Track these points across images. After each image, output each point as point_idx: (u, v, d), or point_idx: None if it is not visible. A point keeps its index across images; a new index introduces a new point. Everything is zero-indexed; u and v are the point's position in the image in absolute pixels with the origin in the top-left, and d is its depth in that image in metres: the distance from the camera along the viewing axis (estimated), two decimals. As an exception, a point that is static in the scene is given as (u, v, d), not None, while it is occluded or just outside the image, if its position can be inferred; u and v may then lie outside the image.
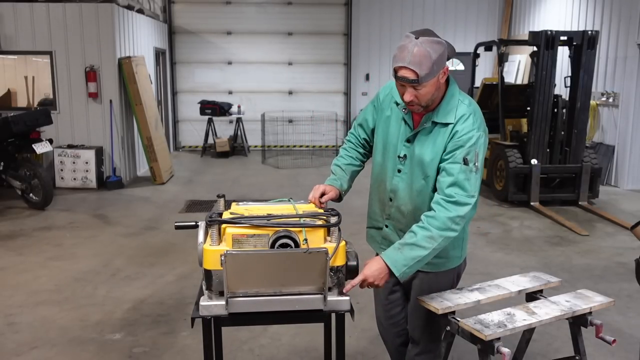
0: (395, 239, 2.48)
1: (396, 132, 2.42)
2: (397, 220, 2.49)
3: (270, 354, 3.70)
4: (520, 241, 6.25)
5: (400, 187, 2.42)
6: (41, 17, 8.62)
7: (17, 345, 3.79)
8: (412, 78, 2.14)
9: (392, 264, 2.19)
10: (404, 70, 2.15)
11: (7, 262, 5.46)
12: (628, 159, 8.81)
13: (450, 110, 2.29)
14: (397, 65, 2.17)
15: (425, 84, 2.17)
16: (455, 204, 2.21)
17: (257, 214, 2.15)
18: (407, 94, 2.21)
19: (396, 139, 2.42)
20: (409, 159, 2.38)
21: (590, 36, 7.43)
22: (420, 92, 2.20)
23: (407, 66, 2.14)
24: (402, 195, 2.43)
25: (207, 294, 2.09)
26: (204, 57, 12.99)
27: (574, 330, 2.75)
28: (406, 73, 2.15)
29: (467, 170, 2.22)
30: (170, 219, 6.95)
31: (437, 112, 2.30)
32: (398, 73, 2.18)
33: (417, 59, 2.12)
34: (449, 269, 2.55)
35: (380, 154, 2.50)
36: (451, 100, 2.31)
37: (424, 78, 2.14)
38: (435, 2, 13.08)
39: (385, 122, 2.47)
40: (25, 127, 7.29)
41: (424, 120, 2.33)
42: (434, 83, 2.21)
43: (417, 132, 2.35)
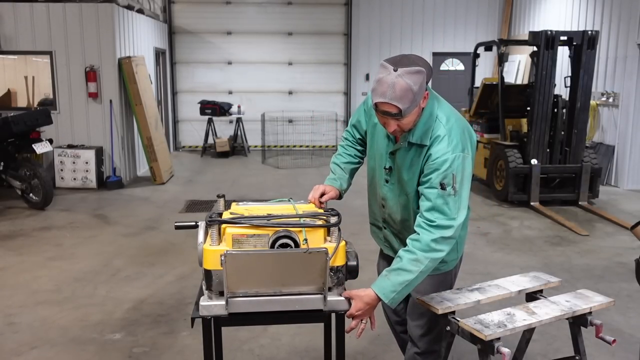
0: (392, 241, 2.56)
1: (382, 143, 2.42)
2: (391, 225, 2.54)
3: (270, 354, 3.70)
4: (520, 241, 6.25)
5: (389, 196, 2.45)
6: (41, 17, 8.62)
7: (17, 345, 3.79)
8: (394, 112, 2.11)
9: (380, 292, 2.18)
10: (386, 105, 2.11)
11: (7, 262, 5.46)
12: (628, 159, 8.81)
13: (427, 130, 2.24)
14: (379, 101, 2.12)
15: (408, 115, 2.14)
16: (437, 227, 2.18)
17: (257, 214, 2.15)
18: (390, 125, 2.19)
19: (382, 150, 2.42)
20: (394, 172, 2.39)
21: (590, 36, 7.43)
22: (403, 122, 2.18)
23: (388, 102, 2.09)
24: (391, 204, 2.46)
25: (207, 294, 2.09)
26: (204, 57, 12.99)
27: (574, 330, 2.75)
28: (388, 108, 2.11)
29: (444, 195, 2.18)
30: (170, 219, 6.95)
31: (413, 133, 2.26)
32: (380, 108, 2.14)
33: (398, 94, 2.07)
34: (446, 271, 2.56)
35: (372, 159, 2.51)
36: (428, 119, 2.25)
37: (407, 111, 2.11)
38: (435, 2, 13.07)
39: (373, 128, 2.46)
40: (25, 127, 7.29)
41: (401, 140, 2.30)
42: (416, 112, 2.19)
43: (399, 148, 2.33)
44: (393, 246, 2.59)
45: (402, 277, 2.16)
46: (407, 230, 2.37)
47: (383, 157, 2.41)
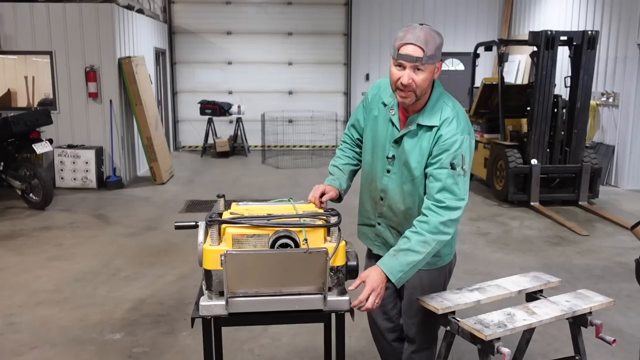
0: (388, 236, 2.51)
1: (384, 133, 2.41)
2: (390, 218, 2.49)
3: (270, 354, 3.70)
4: (520, 241, 6.25)
5: (390, 187, 2.42)
6: (41, 17, 8.62)
7: (17, 345, 3.79)
8: (417, 56, 2.13)
9: (388, 270, 2.19)
10: (411, 46, 2.13)
11: (7, 262, 5.46)
12: (628, 159, 8.81)
13: (435, 112, 2.28)
14: (403, 42, 2.13)
15: (427, 66, 2.16)
16: (446, 208, 2.21)
17: (257, 214, 2.15)
18: (405, 75, 2.17)
19: (384, 140, 2.41)
20: (398, 160, 2.37)
21: (590, 36, 7.43)
22: (418, 77, 2.18)
23: (414, 43, 2.12)
24: (392, 195, 2.43)
25: (207, 294, 2.09)
26: (204, 57, 12.99)
27: (574, 330, 2.75)
28: (412, 50, 2.13)
29: (454, 175, 2.21)
30: (170, 219, 6.95)
31: (422, 114, 2.28)
32: (402, 50, 2.14)
33: (424, 39, 2.13)
34: (441, 266, 2.55)
35: (370, 153, 2.49)
36: (437, 102, 2.30)
37: (429, 59, 2.14)
38: (435, 2, 13.08)
39: (374, 121, 2.46)
40: (25, 127, 7.29)
41: (409, 122, 2.32)
42: (432, 71, 2.21)
43: (403, 134, 2.33)
44: (387, 242, 2.52)
45: (410, 258, 2.19)
46: (409, 220, 2.36)
47: (385, 146, 2.40)
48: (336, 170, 2.62)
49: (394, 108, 2.37)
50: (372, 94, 2.51)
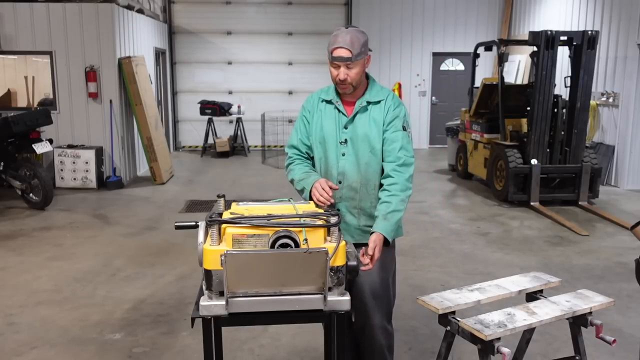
0: (350, 219, 2.72)
1: (332, 123, 2.72)
2: (350, 198, 2.70)
3: (270, 354, 3.70)
4: (520, 241, 6.25)
5: (348, 167, 2.69)
6: (41, 17, 8.62)
7: (17, 345, 3.79)
8: (346, 56, 2.53)
9: (385, 232, 2.50)
10: (340, 50, 2.54)
11: (7, 262, 5.46)
12: (628, 159, 8.81)
13: (377, 92, 2.72)
14: (334, 47, 2.56)
15: (356, 63, 2.56)
16: (405, 165, 2.61)
17: (257, 214, 2.15)
18: (341, 73, 2.58)
19: (334, 129, 2.71)
20: (350, 141, 2.68)
21: (590, 36, 7.43)
22: (352, 71, 2.58)
23: (342, 46, 2.53)
24: (350, 175, 2.69)
25: (207, 294, 2.09)
26: (204, 57, 12.99)
27: (574, 330, 2.75)
28: (342, 52, 2.54)
29: (406, 136, 2.67)
30: (170, 219, 6.95)
31: (367, 95, 2.70)
32: (334, 53, 2.56)
33: (349, 41, 2.54)
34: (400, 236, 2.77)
35: (320, 149, 2.76)
36: (374, 86, 2.75)
37: (356, 57, 2.54)
38: (435, 2, 13.07)
39: (317, 122, 2.76)
40: (25, 127, 7.29)
41: (358, 105, 2.69)
42: (362, 65, 2.61)
43: (354, 115, 2.68)
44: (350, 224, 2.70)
45: (397, 216, 2.55)
46: (369, 192, 2.68)
47: (336, 134, 2.71)
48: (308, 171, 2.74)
49: (338, 100, 2.73)
50: (310, 103, 2.83)
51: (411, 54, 13.26)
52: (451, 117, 11.64)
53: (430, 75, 13.34)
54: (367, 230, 2.66)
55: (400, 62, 13.23)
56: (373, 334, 2.70)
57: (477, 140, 9.02)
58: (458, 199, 8.28)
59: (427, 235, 6.37)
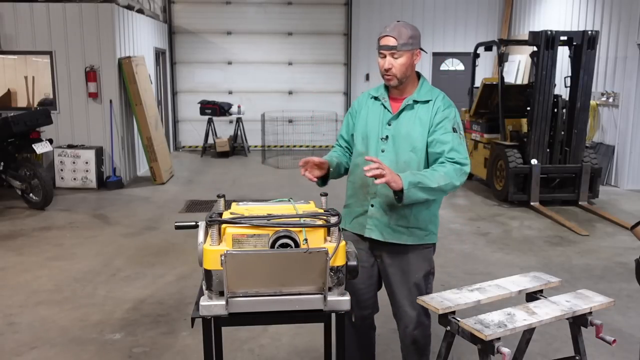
0: (381, 216, 2.70)
1: (377, 120, 2.73)
2: (384, 194, 2.65)
3: (270, 354, 3.70)
4: (520, 241, 6.25)
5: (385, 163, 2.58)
6: (41, 17, 8.62)
7: (17, 345, 3.79)
8: (392, 44, 2.56)
9: (404, 177, 2.45)
10: (385, 38, 2.58)
11: (7, 262, 5.46)
12: (628, 159, 8.81)
13: (427, 92, 2.70)
14: (381, 35, 2.60)
15: (402, 53, 2.57)
16: (458, 163, 2.56)
17: (257, 214, 2.15)
18: (386, 62, 2.60)
19: (377, 125, 2.72)
20: (392, 138, 2.68)
21: (590, 36, 7.43)
22: (397, 62, 2.58)
23: (388, 34, 2.57)
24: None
25: (207, 294, 2.09)
26: (204, 57, 12.99)
27: (574, 330, 2.75)
28: (387, 41, 2.57)
29: (457, 137, 2.61)
30: (170, 219, 6.95)
31: (417, 94, 2.69)
32: (381, 42, 2.60)
33: (396, 31, 2.58)
34: (427, 243, 2.76)
35: (362, 144, 2.77)
36: (424, 84, 2.75)
37: (402, 46, 2.56)
38: (435, 2, 13.07)
39: (363, 118, 2.79)
40: (25, 127, 7.29)
41: (405, 102, 2.69)
42: (409, 57, 2.60)
43: (400, 112, 2.68)
44: (381, 221, 2.69)
45: (425, 180, 2.47)
46: None
47: (379, 130, 2.71)
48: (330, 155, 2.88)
49: (385, 97, 2.74)
50: (358, 102, 2.88)
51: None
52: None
53: (430, 75, 13.33)
54: (397, 230, 2.69)
55: (400, 62, 13.21)
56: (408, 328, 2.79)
57: (477, 140, 9.02)
58: (458, 199, 8.28)
59: (427, 235, 6.37)
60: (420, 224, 2.70)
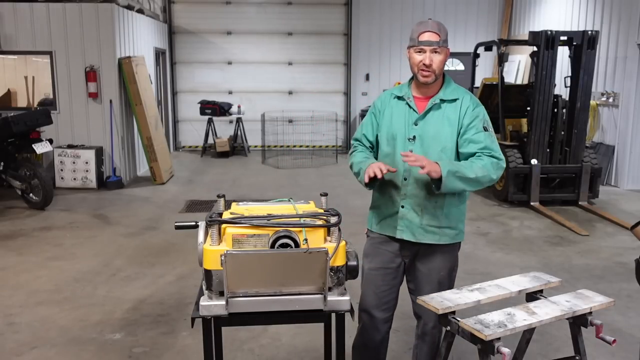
0: (412, 217, 2.68)
1: (402, 120, 2.69)
2: (415, 195, 2.66)
3: (270, 354, 3.70)
4: (520, 241, 6.25)
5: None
6: (41, 17, 8.62)
7: (17, 345, 3.79)
8: (435, 40, 2.54)
9: (443, 165, 2.45)
10: (428, 33, 2.54)
11: (7, 262, 5.46)
12: (628, 159, 8.81)
13: (452, 90, 2.68)
14: (421, 31, 2.55)
15: (442, 49, 2.56)
16: (494, 157, 2.58)
17: (257, 214, 2.15)
18: (427, 57, 2.55)
19: (403, 125, 2.68)
20: (419, 138, 2.65)
21: (590, 36, 7.43)
22: (437, 58, 2.56)
23: (431, 30, 2.54)
24: (416, 171, 2.60)
25: (207, 294, 2.09)
26: (204, 57, 12.99)
27: (574, 330, 2.75)
28: (430, 36, 2.54)
29: (490, 135, 2.62)
30: (170, 219, 6.95)
31: (443, 93, 2.66)
32: (421, 37, 2.54)
33: (437, 27, 2.57)
34: (457, 242, 2.79)
35: (387, 145, 2.72)
36: (450, 83, 2.72)
37: (444, 42, 2.55)
38: (435, 2, 13.07)
39: (387, 118, 2.73)
40: (25, 127, 7.29)
41: (432, 101, 2.65)
42: (446, 54, 2.59)
43: (427, 112, 2.64)
44: (412, 222, 2.68)
45: (463, 170, 2.48)
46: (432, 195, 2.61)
47: (405, 130, 2.67)
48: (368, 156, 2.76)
49: (410, 96, 2.70)
50: (381, 100, 2.81)
51: (411, 54, 13.23)
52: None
53: (430, 75, 13.32)
54: (429, 230, 2.69)
55: (400, 62, 13.21)
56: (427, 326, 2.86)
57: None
58: (458, 199, 8.28)
59: (427, 235, 6.36)
60: (452, 223, 2.71)
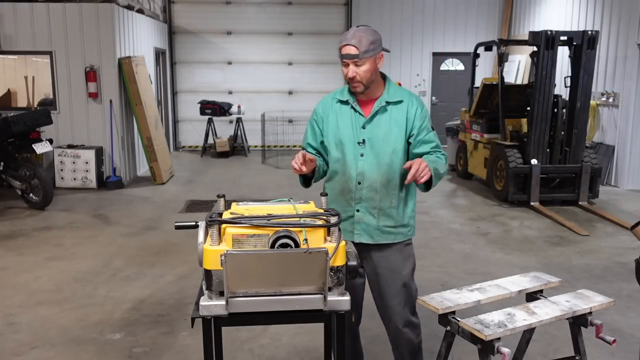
0: (369, 220, 2.71)
1: (349, 124, 2.70)
2: (370, 198, 2.69)
3: (270, 354, 3.70)
4: (520, 241, 6.25)
5: (367, 168, 2.67)
6: (41, 17, 8.62)
7: (17, 345, 3.79)
8: (353, 53, 2.53)
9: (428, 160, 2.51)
10: (347, 47, 2.54)
11: (7, 262, 5.46)
12: (628, 159, 8.81)
13: (396, 92, 2.72)
14: (342, 44, 2.56)
15: (365, 60, 2.55)
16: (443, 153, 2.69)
17: (257, 214, 2.15)
18: (350, 71, 2.58)
19: (351, 129, 2.69)
20: (369, 142, 2.66)
21: (590, 36, 7.43)
22: (360, 69, 2.57)
23: (349, 43, 2.53)
24: (370, 175, 2.67)
25: (207, 294, 2.09)
26: (204, 57, 12.99)
27: (574, 330, 2.75)
28: (349, 50, 2.54)
29: (435, 134, 2.72)
30: (170, 219, 6.95)
31: (387, 95, 2.70)
32: (342, 51, 2.57)
33: (357, 39, 2.53)
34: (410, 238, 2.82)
35: (337, 150, 2.73)
36: (391, 84, 2.76)
37: (363, 54, 2.53)
38: (436, 2, 13.07)
39: (333, 123, 2.74)
40: (25, 127, 7.29)
41: (377, 105, 2.68)
42: (372, 63, 2.59)
43: (374, 115, 2.67)
44: (369, 225, 2.71)
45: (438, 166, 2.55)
46: (390, 192, 2.68)
47: (354, 135, 2.68)
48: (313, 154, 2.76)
49: (354, 100, 2.71)
50: (322, 107, 2.82)
51: (411, 54, 13.26)
52: (451, 117, 11.64)
53: (430, 75, 13.34)
54: (386, 231, 2.71)
55: (400, 62, 13.23)
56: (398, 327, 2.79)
57: (477, 140, 9.02)
58: (458, 199, 8.28)
59: (427, 235, 6.37)
60: (405, 221, 2.75)
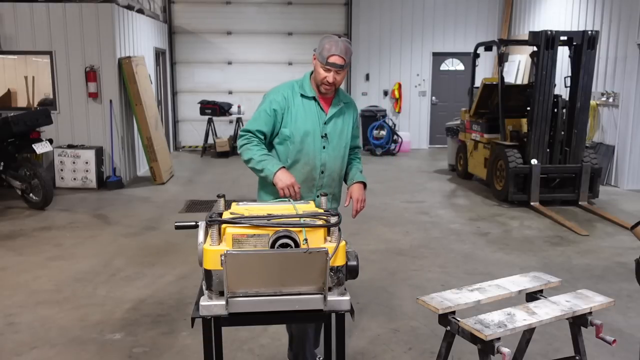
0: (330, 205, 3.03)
1: (315, 118, 3.00)
2: (329, 185, 3.09)
3: (270, 354, 3.70)
4: (520, 241, 6.25)
5: (328, 159, 3.04)
6: (41, 17, 8.62)
7: (17, 345, 3.79)
8: (340, 64, 2.87)
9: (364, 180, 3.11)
10: (337, 57, 2.85)
11: (7, 262, 5.45)
12: (628, 159, 8.81)
13: (344, 94, 3.15)
14: (331, 54, 2.85)
15: (344, 70, 2.91)
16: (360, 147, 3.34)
17: (257, 214, 2.15)
18: (330, 76, 2.89)
19: (317, 124, 3.00)
20: (330, 136, 3.03)
21: (590, 36, 7.43)
22: (339, 77, 2.91)
23: (339, 54, 2.86)
24: (331, 165, 3.06)
25: (207, 294, 2.09)
26: (204, 57, 12.99)
27: (574, 330, 2.75)
28: (337, 60, 2.86)
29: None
30: (170, 219, 6.95)
31: (342, 96, 3.10)
32: (330, 60, 2.85)
33: (344, 51, 2.89)
34: None
35: (302, 141, 2.98)
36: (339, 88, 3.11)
37: (346, 65, 2.90)
38: (435, 2, 13.07)
39: (298, 115, 2.98)
40: (25, 127, 7.29)
41: (335, 104, 3.05)
42: (345, 74, 2.96)
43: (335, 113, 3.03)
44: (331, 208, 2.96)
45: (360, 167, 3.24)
46: (339, 181, 3.16)
47: (318, 129, 3.00)
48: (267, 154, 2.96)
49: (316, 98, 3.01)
50: (283, 97, 2.99)
51: (411, 54, 13.26)
52: (451, 117, 11.65)
53: (430, 75, 13.34)
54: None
55: (400, 62, 13.23)
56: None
57: (477, 140, 9.02)
58: (458, 199, 8.28)
59: (427, 235, 6.37)
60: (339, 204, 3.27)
